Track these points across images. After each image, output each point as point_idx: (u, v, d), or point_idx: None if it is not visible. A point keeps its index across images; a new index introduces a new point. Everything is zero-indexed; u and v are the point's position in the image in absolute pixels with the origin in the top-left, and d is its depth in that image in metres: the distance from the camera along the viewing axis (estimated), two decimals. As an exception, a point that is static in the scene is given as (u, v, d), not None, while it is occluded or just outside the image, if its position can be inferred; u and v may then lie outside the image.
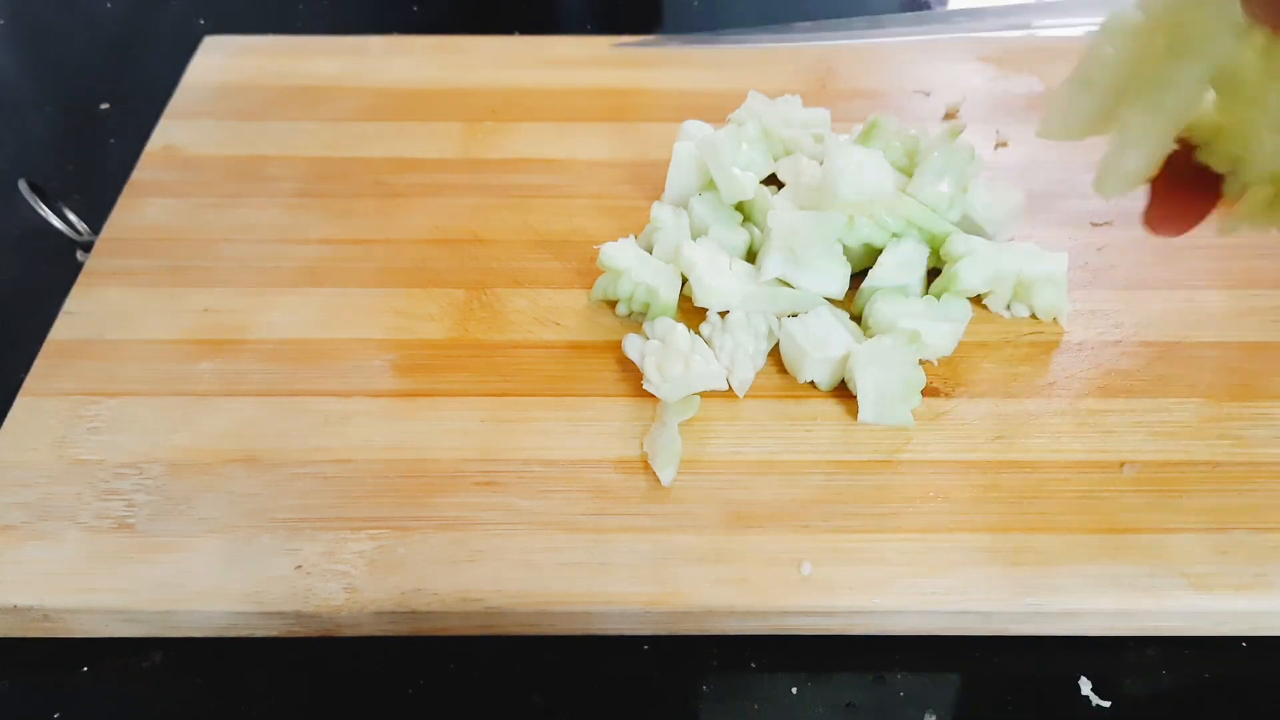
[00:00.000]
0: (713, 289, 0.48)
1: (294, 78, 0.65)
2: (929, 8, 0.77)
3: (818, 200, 0.49)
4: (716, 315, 0.48)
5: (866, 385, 0.45)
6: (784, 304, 0.49)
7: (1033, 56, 0.66)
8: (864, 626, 0.41)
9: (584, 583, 0.40)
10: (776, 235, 0.48)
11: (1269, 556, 0.41)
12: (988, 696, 0.40)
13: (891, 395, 0.45)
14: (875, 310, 0.48)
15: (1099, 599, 0.40)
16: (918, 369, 0.46)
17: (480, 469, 0.44)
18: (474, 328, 0.50)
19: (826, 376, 0.47)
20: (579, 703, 0.40)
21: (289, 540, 0.42)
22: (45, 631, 0.41)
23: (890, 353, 0.46)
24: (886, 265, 0.49)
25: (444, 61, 0.66)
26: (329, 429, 0.46)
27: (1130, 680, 0.41)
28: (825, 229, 0.48)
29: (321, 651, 0.41)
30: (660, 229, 0.51)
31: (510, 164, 0.59)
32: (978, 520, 0.42)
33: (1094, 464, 0.44)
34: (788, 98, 0.57)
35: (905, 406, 0.45)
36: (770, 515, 0.42)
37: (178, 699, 0.40)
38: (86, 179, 0.62)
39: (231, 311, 0.51)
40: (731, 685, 0.40)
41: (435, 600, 0.40)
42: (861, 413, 0.45)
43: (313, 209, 0.56)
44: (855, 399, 0.45)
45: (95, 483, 0.44)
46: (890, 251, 0.49)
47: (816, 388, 0.47)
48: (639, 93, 0.63)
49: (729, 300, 0.48)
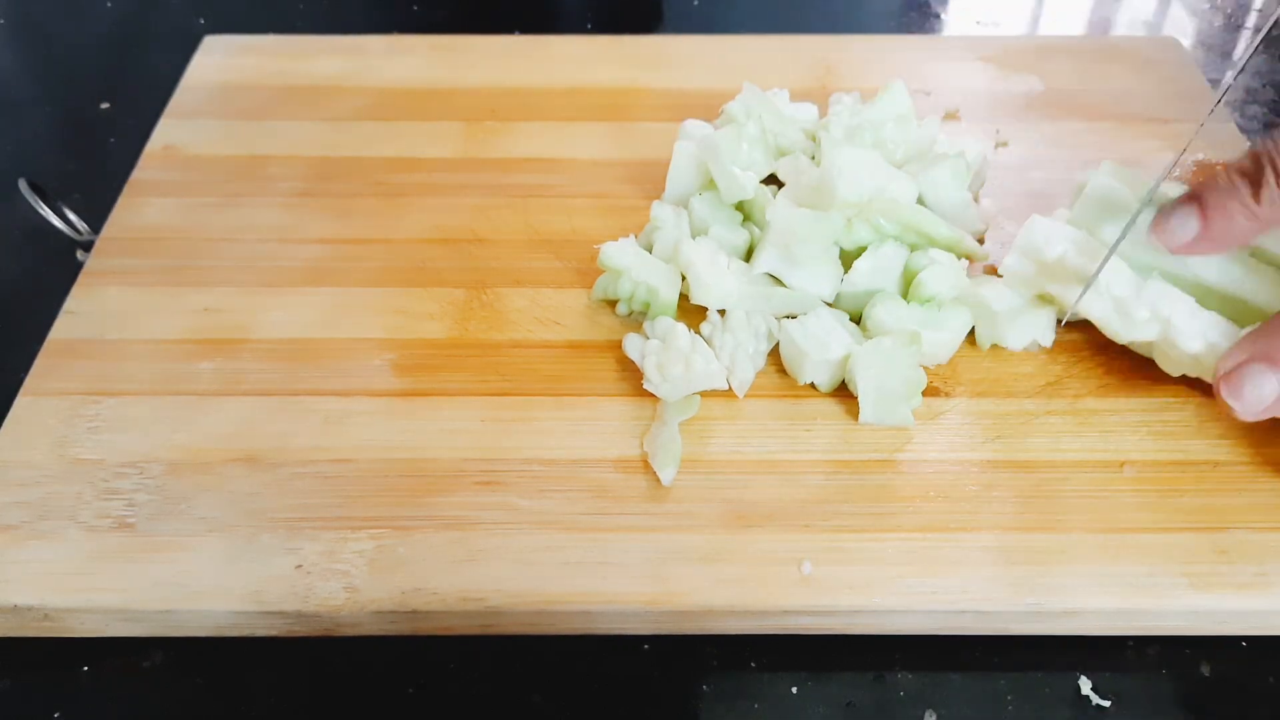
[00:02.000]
0: (710, 287, 0.48)
1: (294, 78, 0.65)
2: (929, 8, 0.77)
3: (816, 200, 0.49)
4: (716, 315, 0.48)
5: (867, 385, 0.45)
6: (780, 304, 0.49)
7: (1033, 56, 0.66)
8: (864, 626, 0.41)
9: (584, 582, 0.40)
10: (774, 231, 0.48)
11: (1269, 556, 0.41)
12: (988, 696, 0.40)
13: (892, 395, 0.45)
14: (874, 316, 0.48)
15: (1099, 599, 0.40)
16: (918, 369, 0.45)
17: (480, 469, 0.44)
18: (474, 327, 0.50)
19: (826, 378, 0.47)
20: (579, 703, 0.40)
21: (289, 540, 0.42)
22: (45, 631, 0.41)
23: (891, 353, 0.45)
24: (861, 270, 0.48)
25: (444, 61, 0.66)
26: (329, 429, 0.46)
27: (1130, 680, 0.41)
28: (823, 229, 0.48)
29: (321, 651, 0.41)
30: (660, 228, 0.51)
31: (510, 164, 0.59)
32: (978, 520, 0.42)
33: (1094, 464, 0.44)
34: (776, 91, 0.57)
35: (906, 407, 0.45)
36: (770, 515, 0.42)
37: (178, 699, 0.40)
38: (86, 179, 0.62)
39: (231, 311, 0.51)
40: (731, 685, 0.40)
41: (435, 600, 0.40)
42: (862, 413, 0.45)
43: (313, 209, 0.56)
44: (855, 399, 0.46)
45: (95, 482, 0.44)
46: (870, 255, 0.49)
47: (816, 389, 0.47)
48: (639, 92, 0.63)
49: (726, 299, 0.48)
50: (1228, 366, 0.42)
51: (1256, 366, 0.41)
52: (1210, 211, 0.41)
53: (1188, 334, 0.44)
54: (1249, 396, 0.41)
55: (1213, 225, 0.41)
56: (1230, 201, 0.41)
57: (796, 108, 0.58)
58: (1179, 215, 0.42)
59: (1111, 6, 0.78)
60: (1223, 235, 0.42)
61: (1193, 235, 0.42)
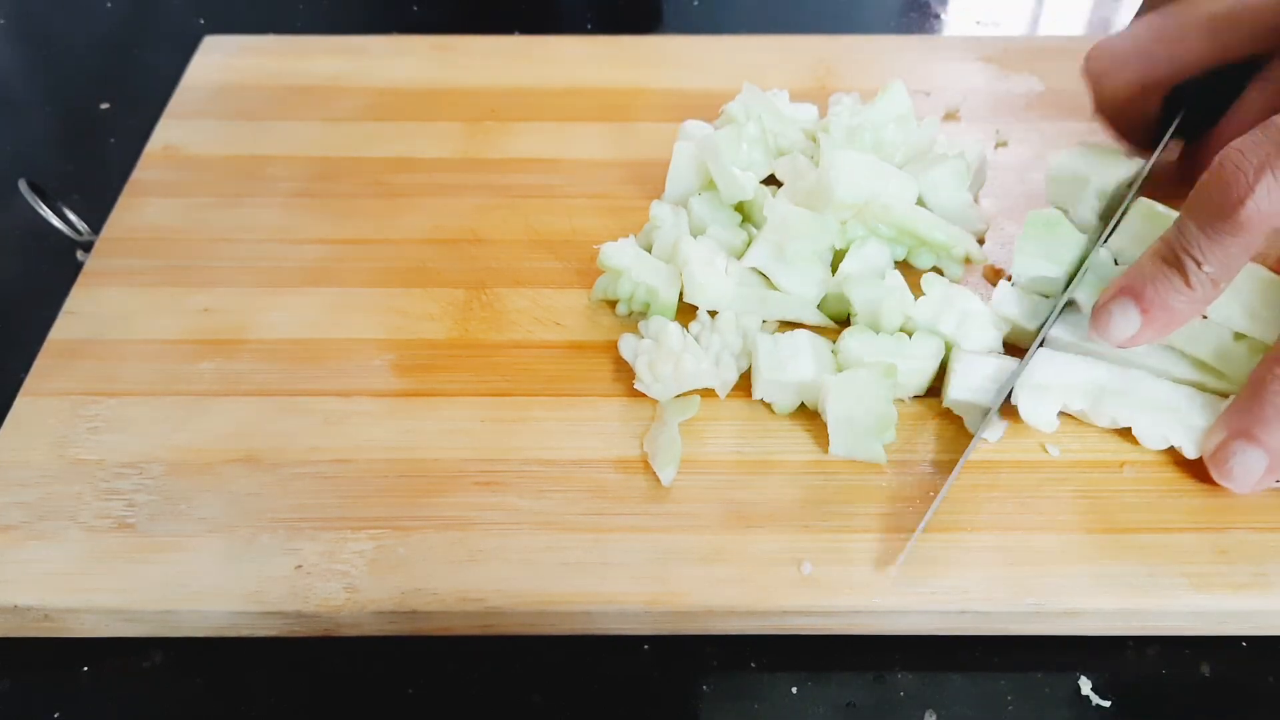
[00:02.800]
0: (705, 287, 0.48)
1: (294, 78, 0.65)
2: (929, 8, 0.77)
3: (813, 202, 0.49)
4: (706, 314, 0.48)
5: (837, 416, 0.44)
6: (771, 308, 0.48)
7: (1033, 56, 0.66)
8: (864, 626, 0.41)
9: (584, 582, 0.40)
10: (770, 226, 0.48)
11: (1269, 556, 0.41)
12: (988, 697, 0.40)
13: (863, 429, 0.44)
14: (846, 347, 0.46)
15: (1099, 599, 0.40)
16: (891, 405, 0.44)
17: (480, 469, 0.44)
18: (474, 328, 0.50)
19: (782, 400, 0.45)
20: (579, 703, 0.40)
21: (289, 540, 0.42)
22: (45, 631, 0.41)
23: (864, 386, 0.44)
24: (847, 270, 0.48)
25: (444, 61, 0.66)
26: (329, 429, 0.46)
27: (1130, 680, 0.41)
28: (818, 228, 0.47)
29: (321, 651, 0.41)
30: (659, 228, 0.51)
31: (510, 164, 0.59)
32: (978, 520, 0.42)
33: (1094, 464, 0.44)
34: (776, 91, 0.57)
35: (877, 442, 0.44)
36: (770, 515, 0.42)
37: (178, 699, 0.40)
38: (86, 179, 0.62)
39: (231, 311, 0.51)
40: (731, 685, 0.40)
41: (435, 600, 0.40)
42: (832, 446, 0.44)
43: (313, 209, 0.56)
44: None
45: (95, 482, 0.44)
46: (854, 254, 0.49)
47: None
48: (639, 92, 0.63)
49: (720, 300, 0.48)
50: (1210, 448, 0.42)
51: (1238, 444, 0.41)
52: (1147, 305, 0.42)
53: (1151, 438, 0.44)
54: (1238, 475, 0.42)
55: (1153, 318, 0.42)
56: (1165, 292, 0.41)
57: (796, 108, 0.57)
58: (1119, 313, 0.42)
59: (1111, 6, 0.78)
60: (1165, 324, 0.42)
61: (1135, 330, 0.42)
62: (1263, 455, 0.41)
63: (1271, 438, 0.41)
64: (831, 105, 0.56)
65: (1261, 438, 0.41)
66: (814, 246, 0.48)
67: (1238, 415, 0.42)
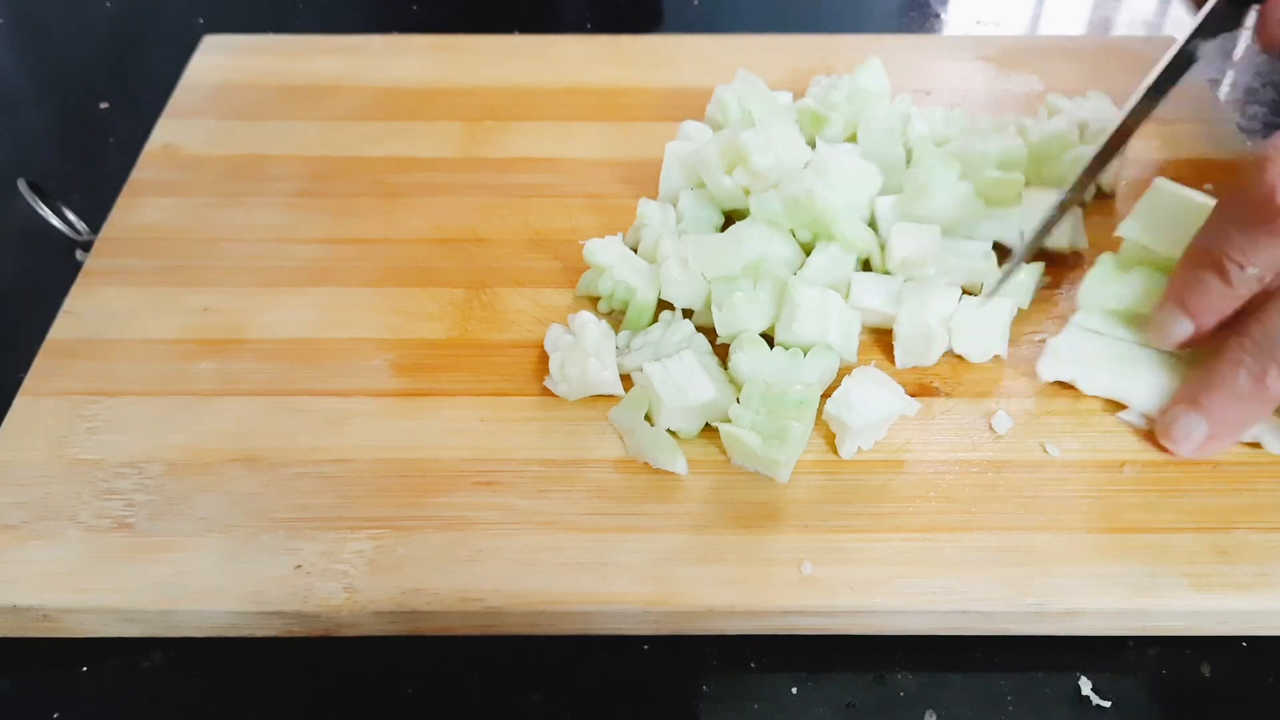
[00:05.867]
0: (680, 284, 0.48)
1: (294, 77, 0.65)
2: (929, 8, 0.77)
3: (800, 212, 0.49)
4: (667, 313, 0.48)
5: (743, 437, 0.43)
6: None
7: (1033, 56, 0.66)
8: (864, 626, 0.41)
9: (584, 582, 0.40)
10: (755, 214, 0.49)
11: (1270, 556, 0.41)
12: (988, 696, 0.40)
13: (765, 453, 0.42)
14: (736, 362, 0.45)
15: (1099, 599, 0.40)
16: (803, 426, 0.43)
17: (480, 469, 0.44)
18: (474, 327, 0.50)
19: (687, 426, 0.44)
20: (579, 703, 0.40)
21: (289, 540, 0.42)
22: (45, 631, 0.41)
23: (770, 410, 0.43)
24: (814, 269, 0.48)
25: (444, 61, 0.66)
26: (329, 429, 0.46)
27: (1130, 680, 0.41)
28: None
29: (321, 651, 0.41)
30: (646, 225, 0.51)
31: (510, 164, 0.59)
32: (978, 520, 0.42)
33: (1094, 464, 0.44)
34: (776, 93, 0.58)
35: (785, 470, 0.43)
36: (770, 515, 0.42)
37: (178, 699, 0.40)
38: (86, 179, 0.62)
39: (231, 311, 0.51)
40: (731, 685, 0.40)
41: (435, 600, 0.40)
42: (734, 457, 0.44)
43: (313, 209, 0.56)
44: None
45: (95, 482, 0.44)
46: (818, 254, 0.49)
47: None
48: (638, 92, 0.63)
49: (696, 299, 0.48)
50: (1161, 412, 0.45)
51: (1182, 409, 0.44)
52: (1195, 310, 0.43)
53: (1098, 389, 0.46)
54: (1179, 438, 0.44)
55: (1202, 320, 0.44)
56: (1210, 296, 0.43)
57: (776, 95, 0.58)
58: (1170, 321, 0.44)
59: (1111, 6, 0.78)
60: (1214, 320, 0.44)
61: (1189, 334, 0.44)
62: (1204, 422, 0.43)
63: (1215, 406, 0.43)
64: (811, 86, 0.57)
65: (1206, 405, 0.43)
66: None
67: (1190, 384, 0.44)
